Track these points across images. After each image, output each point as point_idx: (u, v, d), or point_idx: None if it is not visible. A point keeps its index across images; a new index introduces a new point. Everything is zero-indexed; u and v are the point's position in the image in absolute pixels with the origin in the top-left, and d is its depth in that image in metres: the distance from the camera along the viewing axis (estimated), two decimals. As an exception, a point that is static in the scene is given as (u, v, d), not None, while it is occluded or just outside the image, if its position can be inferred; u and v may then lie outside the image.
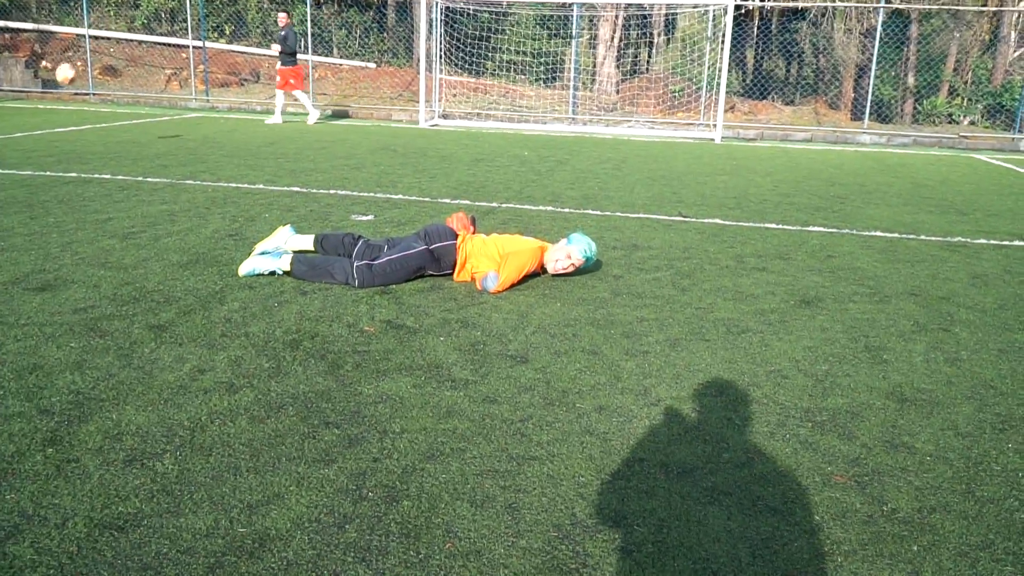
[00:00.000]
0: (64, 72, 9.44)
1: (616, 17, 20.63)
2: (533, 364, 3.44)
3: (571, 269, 4.64)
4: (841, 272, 5.13)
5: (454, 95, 19.50)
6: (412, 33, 20.35)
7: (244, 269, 4.54)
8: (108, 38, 19.15)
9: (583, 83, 21.25)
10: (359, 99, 18.95)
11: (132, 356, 3.36)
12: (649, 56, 23.40)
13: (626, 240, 5.80)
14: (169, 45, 19.08)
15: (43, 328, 3.64)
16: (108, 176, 7.68)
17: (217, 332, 3.67)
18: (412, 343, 3.63)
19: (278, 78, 13.90)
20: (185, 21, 18.34)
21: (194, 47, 17.71)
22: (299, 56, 14.08)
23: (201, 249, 5.11)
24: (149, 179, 7.60)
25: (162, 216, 6.03)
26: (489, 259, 4.53)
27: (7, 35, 18.35)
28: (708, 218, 6.73)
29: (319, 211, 6.43)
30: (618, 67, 21.45)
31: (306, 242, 4.87)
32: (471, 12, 18.50)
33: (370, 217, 6.23)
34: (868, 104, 15.63)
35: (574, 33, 16.48)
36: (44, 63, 13.83)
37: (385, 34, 22.85)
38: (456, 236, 4.59)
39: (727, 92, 15.01)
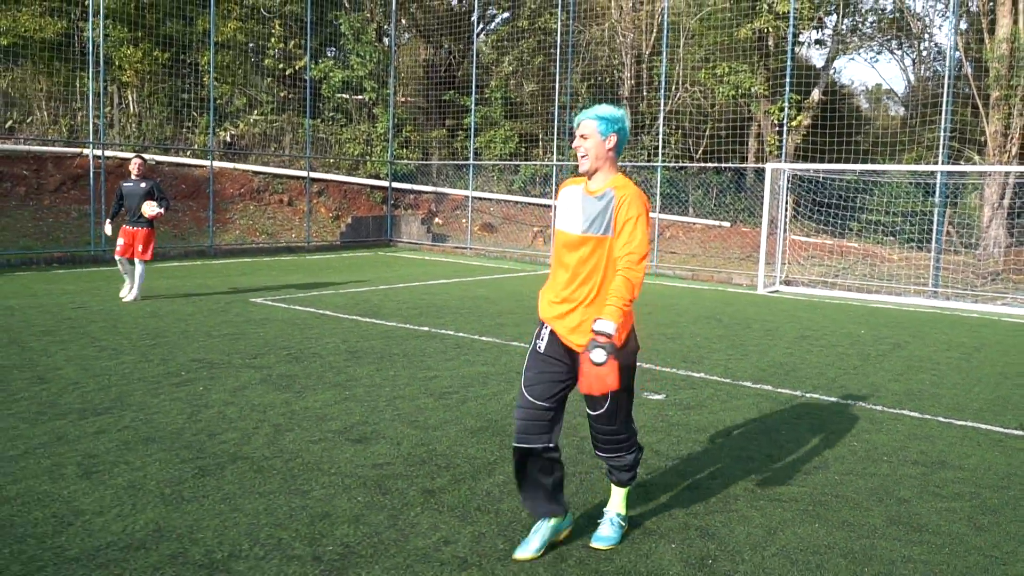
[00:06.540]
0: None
1: (1006, 181, 18.70)
2: (756, 595, 3.28)
3: (582, 151, 3.53)
4: None
5: (808, 256, 19.00)
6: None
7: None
8: (489, 199, 22.25)
9: (963, 246, 19.39)
10: (706, 259, 19.38)
11: (399, 517, 3.89)
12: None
13: (933, 455, 5.19)
14: (538, 205, 21.54)
15: (345, 479, 4.37)
16: (451, 332, 8.87)
17: (474, 504, 4.08)
18: (640, 547, 3.68)
19: (140, 247, 10.27)
20: (553, 184, 20.61)
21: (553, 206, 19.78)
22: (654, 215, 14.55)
23: (495, 416, 5.69)
24: (484, 338, 8.61)
25: (477, 378, 6.80)
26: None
27: (412, 196, 22.25)
28: (1057, 435, 5.73)
29: (615, 384, 6.75)
30: (1010, 231, 19.25)
31: None
32: (824, 180, 18.13)
33: (661, 397, 6.38)
34: None
35: (937, 202, 15.25)
36: (437, 219, 16.41)
37: (743, 193, 23.24)
38: None
39: None
